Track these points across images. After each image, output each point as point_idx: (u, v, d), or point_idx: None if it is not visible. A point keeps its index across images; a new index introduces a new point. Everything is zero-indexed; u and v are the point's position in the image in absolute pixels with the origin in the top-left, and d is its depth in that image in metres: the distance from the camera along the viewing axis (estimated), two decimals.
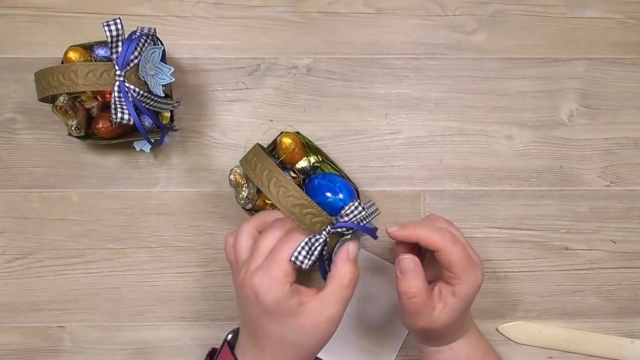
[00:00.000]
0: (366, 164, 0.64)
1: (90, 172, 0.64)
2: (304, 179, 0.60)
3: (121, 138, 0.61)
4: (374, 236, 0.55)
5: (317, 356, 0.58)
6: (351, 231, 0.54)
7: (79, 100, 0.60)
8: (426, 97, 0.65)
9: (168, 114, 0.61)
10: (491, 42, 0.65)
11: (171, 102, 0.59)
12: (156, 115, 0.60)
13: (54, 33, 0.64)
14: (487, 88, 0.65)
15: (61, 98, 0.57)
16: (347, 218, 0.52)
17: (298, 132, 0.61)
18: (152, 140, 0.60)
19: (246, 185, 0.58)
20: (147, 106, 0.56)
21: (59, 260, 0.64)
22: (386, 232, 0.54)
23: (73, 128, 0.59)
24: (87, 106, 0.60)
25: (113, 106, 0.55)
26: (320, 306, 0.50)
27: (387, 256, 0.64)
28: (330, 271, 0.52)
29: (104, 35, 0.54)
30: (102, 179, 0.64)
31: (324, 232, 0.51)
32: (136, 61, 0.55)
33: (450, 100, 0.65)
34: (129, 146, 0.62)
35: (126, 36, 0.55)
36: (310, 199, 0.50)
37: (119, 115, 0.55)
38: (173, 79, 0.57)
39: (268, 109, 0.65)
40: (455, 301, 0.52)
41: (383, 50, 0.65)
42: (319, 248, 0.50)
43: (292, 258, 0.49)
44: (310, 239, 0.50)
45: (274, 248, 0.51)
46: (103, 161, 0.64)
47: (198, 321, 0.64)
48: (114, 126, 0.58)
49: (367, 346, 0.62)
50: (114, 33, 0.54)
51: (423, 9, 0.65)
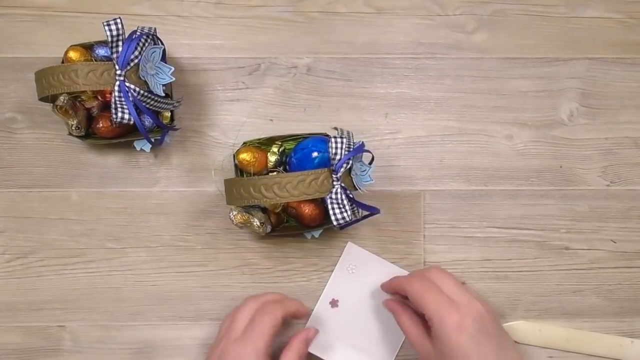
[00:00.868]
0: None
1: (90, 172, 0.64)
2: (284, 163, 0.60)
3: (121, 138, 0.61)
4: (377, 211, 0.57)
5: (318, 356, 0.58)
6: (351, 161, 0.55)
7: (79, 99, 0.60)
8: (426, 97, 0.65)
9: (168, 114, 0.61)
10: (491, 42, 0.65)
11: (171, 102, 0.59)
12: (156, 114, 0.60)
13: (54, 33, 0.64)
14: (487, 88, 0.65)
15: (61, 97, 0.57)
16: (338, 156, 0.54)
17: (244, 142, 0.61)
18: (153, 139, 0.60)
19: (253, 216, 0.58)
20: (148, 106, 0.56)
21: (59, 259, 0.64)
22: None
23: (73, 128, 0.59)
24: (88, 106, 0.60)
25: (113, 106, 0.55)
26: None
27: (387, 254, 0.64)
28: (370, 206, 0.56)
29: (104, 35, 0.54)
30: (102, 179, 0.64)
31: (335, 182, 0.53)
32: (136, 61, 0.55)
33: (450, 100, 0.65)
34: (129, 146, 0.62)
35: (126, 36, 0.55)
36: (300, 172, 0.53)
37: (119, 114, 0.55)
38: (173, 79, 0.57)
39: (268, 109, 0.65)
40: (436, 343, 0.53)
41: (383, 50, 0.65)
42: (344, 197, 0.53)
43: (335, 224, 0.53)
44: (331, 198, 0.53)
45: (253, 321, 0.55)
46: (103, 161, 0.64)
47: (198, 321, 0.64)
48: (114, 126, 0.58)
49: (366, 346, 0.62)
50: (114, 33, 0.54)
51: (423, 9, 0.65)
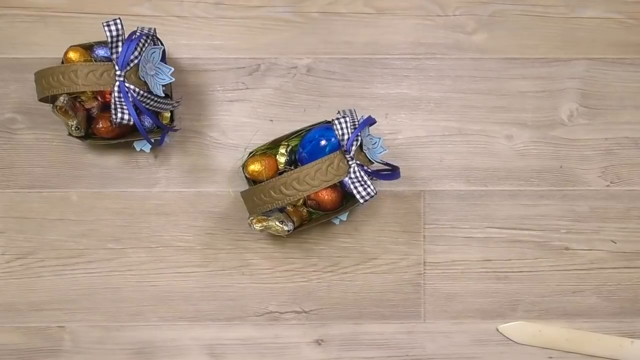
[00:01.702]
0: None
1: (90, 172, 0.64)
2: (295, 161, 0.60)
3: (121, 138, 0.61)
4: (398, 174, 0.58)
5: None
6: (360, 138, 0.55)
7: (79, 100, 0.60)
8: (426, 97, 0.65)
9: (168, 114, 0.61)
10: (491, 42, 0.65)
11: (171, 102, 0.59)
12: (156, 115, 0.60)
13: (54, 33, 0.64)
14: (487, 88, 0.65)
15: (61, 98, 0.57)
16: (346, 136, 0.54)
17: (250, 152, 0.60)
18: (152, 140, 0.60)
19: (271, 217, 0.58)
20: (147, 106, 0.56)
21: (59, 260, 0.64)
22: None
23: (73, 128, 0.59)
24: (87, 106, 0.60)
25: (113, 106, 0.55)
26: None
27: (387, 254, 0.64)
28: (389, 173, 0.56)
29: (104, 35, 0.54)
30: (102, 179, 0.64)
31: (350, 162, 0.54)
32: (136, 61, 0.55)
33: (450, 100, 0.65)
34: (129, 146, 0.62)
35: (126, 36, 0.55)
36: (315, 162, 0.54)
37: (119, 115, 0.55)
38: (173, 79, 0.57)
39: (268, 109, 0.65)
40: None
41: (383, 50, 0.65)
42: (362, 173, 0.54)
43: (362, 201, 0.53)
44: (351, 178, 0.54)
45: None
46: (103, 161, 0.64)
47: (198, 321, 0.64)
48: (114, 126, 0.58)
49: None
50: (114, 33, 0.54)
51: (423, 9, 0.65)
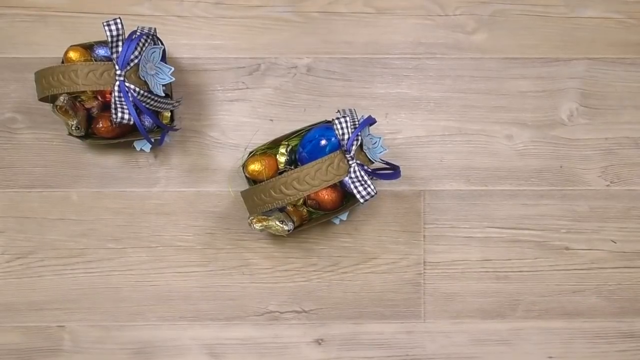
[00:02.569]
0: None
1: (90, 172, 0.64)
2: (294, 161, 0.60)
3: (121, 138, 0.61)
4: (398, 174, 0.57)
5: None
6: (360, 138, 0.55)
7: (79, 100, 0.60)
8: (426, 97, 0.65)
9: (168, 114, 0.61)
10: (491, 42, 0.65)
11: (171, 102, 0.59)
12: (156, 114, 0.60)
13: (54, 33, 0.64)
14: (487, 88, 0.65)
15: (61, 98, 0.57)
16: (346, 136, 0.54)
17: (250, 152, 0.60)
18: (152, 139, 0.60)
19: (271, 217, 0.58)
20: (147, 106, 0.56)
21: (59, 260, 0.64)
22: None
23: (73, 128, 0.59)
24: (87, 106, 0.60)
25: (113, 106, 0.55)
26: None
27: (387, 254, 0.64)
28: (390, 172, 0.56)
29: (104, 35, 0.54)
30: (102, 179, 0.64)
31: (350, 162, 0.54)
32: (136, 61, 0.55)
33: (450, 100, 0.65)
34: (129, 146, 0.62)
35: (126, 36, 0.55)
36: (315, 161, 0.53)
37: (119, 114, 0.55)
38: (173, 79, 0.57)
39: (268, 109, 0.65)
40: None
41: (383, 50, 0.65)
42: (362, 173, 0.54)
43: (362, 200, 0.53)
44: (351, 177, 0.54)
45: None
46: (103, 161, 0.64)
47: (198, 321, 0.64)
48: (114, 126, 0.58)
49: None
50: (114, 33, 0.54)
51: (423, 9, 0.65)
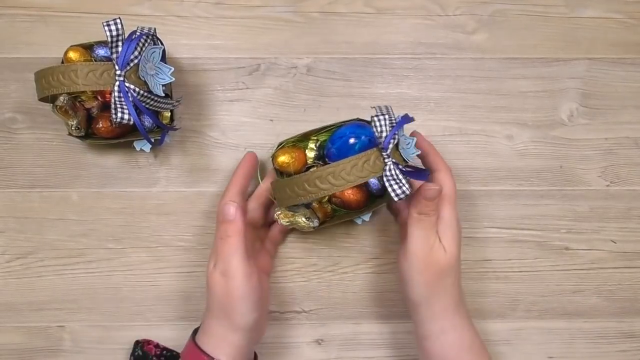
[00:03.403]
0: None
1: (90, 172, 0.64)
2: (323, 156, 0.60)
3: (121, 138, 0.61)
4: (425, 176, 0.56)
5: None
6: (397, 136, 0.54)
7: (79, 100, 0.60)
8: (426, 97, 0.65)
9: (168, 114, 0.61)
10: (491, 42, 0.65)
11: (171, 102, 0.59)
12: (156, 114, 0.60)
13: (54, 33, 0.64)
14: (487, 88, 0.65)
15: (61, 98, 0.57)
16: (384, 134, 0.53)
17: (280, 143, 0.60)
18: (152, 139, 0.60)
19: (297, 213, 0.58)
20: (147, 106, 0.56)
21: (59, 260, 0.64)
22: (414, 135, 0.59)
23: (73, 128, 0.59)
24: (87, 106, 0.60)
25: (113, 106, 0.55)
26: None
27: (387, 254, 0.64)
28: (419, 173, 0.55)
29: (104, 35, 0.54)
30: (102, 179, 0.64)
31: (386, 160, 0.52)
32: (136, 61, 0.55)
33: (450, 100, 0.65)
34: (129, 146, 0.62)
35: (126, 36, 0.55)
36: (351, 157, 0.52)
37: (119, 115, 0.55)
38: (173, 79, 0.57)
39: (268, 109, 0.65)
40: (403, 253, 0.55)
41: (383, 50, 0.65)
42: (398, 172, 0.52)
43: (396, 199, 0.51)
44: (386, 176, 0.52)
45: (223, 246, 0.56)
46: (103, 161, 0.64)
47: (198, 321, 0.64)
48: (114, 126, 0.58)
49: None
50: (114, 33, 0.54)
51: (423, 9, 0.65)
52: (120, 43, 0.54)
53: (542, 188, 0.65)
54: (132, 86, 0.55)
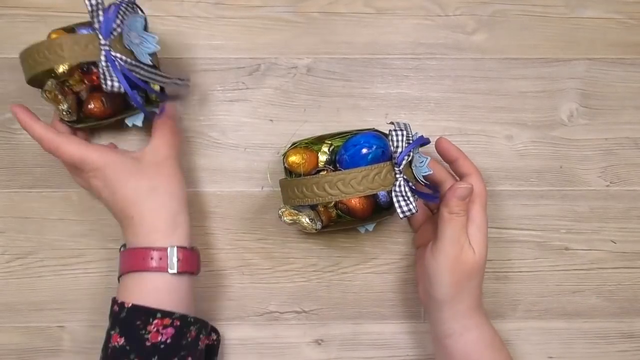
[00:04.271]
0: None
1: None
2: (335, 161, 0.60)
3: (113, 117, 0.60)
4: (437, 198, 0.56)
5: None
6: (412, 153, 0.54)
7: (67, 85, 0.59)
8: (426, 97, 0.65)
9: (157, 87, 0.60)
10: (491, 42, 0.65)
11: (170, 77, 0.58)
12: (148, 86, 0.59)
13: None
14: (487, 88, 0.65)
15: (49, 82, 0.56)
16: (400, 149, 0.53)
17: (293, 143, 0.60)
18: (148, 111, 0.59)
19: (302, 213, 0.58)
20: (138, 76, 0.55)
21: (59, 260, 0.64)
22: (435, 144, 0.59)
23: (64, 112, 0.58)
24: (76, 89, 0.59)
25: (102, 76, 0.54)
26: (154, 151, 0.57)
27: (387, 254, 0.64)
28: (430, 194, 0.55)
29: (84, 6, 0.53)
30: None
31: (397, 175, 0.52)
32: (119, 30, 0.55)
33: (450, 100, 0.65)
34: (122, 128, 0.61)
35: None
36: (363, 167, 0.52)
37: (109, 83, 0.54)
38: (158, 47, 0.56)
39: (268, 109, 0.65)
40: (434, 252, 0.55)
41: (383, 50, 0.65)
42: (407, 189, 0.52)
43: (402, 216, 0.52)
44: (395, 191, 0.52)
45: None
46: None
47: None
48: (106, 106, 0.58)
49: None
50: (93, 2, 0.53)
51: (423, 9, 0.65)
52: (100, 12, 0.54)
53: (542, 188, 0.65)
54: (119, 55, 0.54)
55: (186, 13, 0.65)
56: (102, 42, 0.54)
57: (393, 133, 0.53)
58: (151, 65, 0.56)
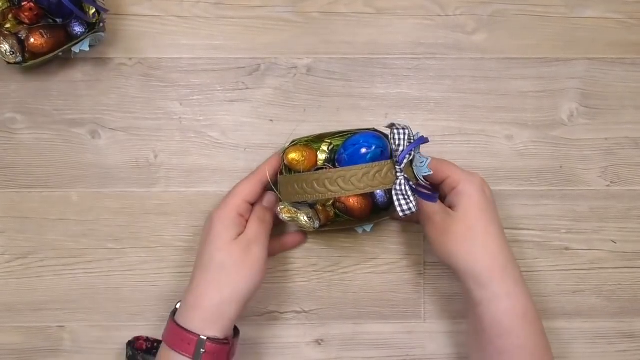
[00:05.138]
0: None
1: (90, 172, 0.64)
2: (334, 160, 0.60)
3: (58, 50, 0.60)
4: (434, 198, 0.56)
5: None
6: (413, 152, 0.54)
7: (5, 29, 0.59)
8: (426, 97, 0.65)
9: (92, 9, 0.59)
10: (491, 42, 0.65)
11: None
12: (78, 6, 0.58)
13: None
14: (487, 88, 0.65)
15: None
16: (401, 147, 0.53)
17: (293, 140, 0.60)
18: (87, 25, 0.58)
19: (300, 211, 0.58)
20: None
21: (59, 260, 0.64)
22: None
23: (8, 54, 0.58)
24: (14, 31, 0.59)
25: None
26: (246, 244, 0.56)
27: (387, 254, 0.64)
28: (429, 194, 0.55)
29: None
30: (102, 179, 0.64)
31: (398, 174, 0.52)
32: None
33: (450, 100, 0.65)
34: (71, 66, 0.61)
35: None
36: (364, 165, 0.52)
37: None
38: None
39: (268, 109, 0.65)
40: (459, 200, 0.56)
41: (383, 50, 0.65)
42: (407, 188, 0.52)
43: (401, 214, 0.51)
44: (395, 189, 0.52)
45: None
46: (103, 161, 0.64)
47: None
48: (47, 37, 0.58)
49: None
50: None
51: (423, 9, 0.65)
52: None
53: (542, 188, 0.65)
54: None
55: (186, 13, 0.65)
56: None
57: (395, 131, 0.53)
58: None
